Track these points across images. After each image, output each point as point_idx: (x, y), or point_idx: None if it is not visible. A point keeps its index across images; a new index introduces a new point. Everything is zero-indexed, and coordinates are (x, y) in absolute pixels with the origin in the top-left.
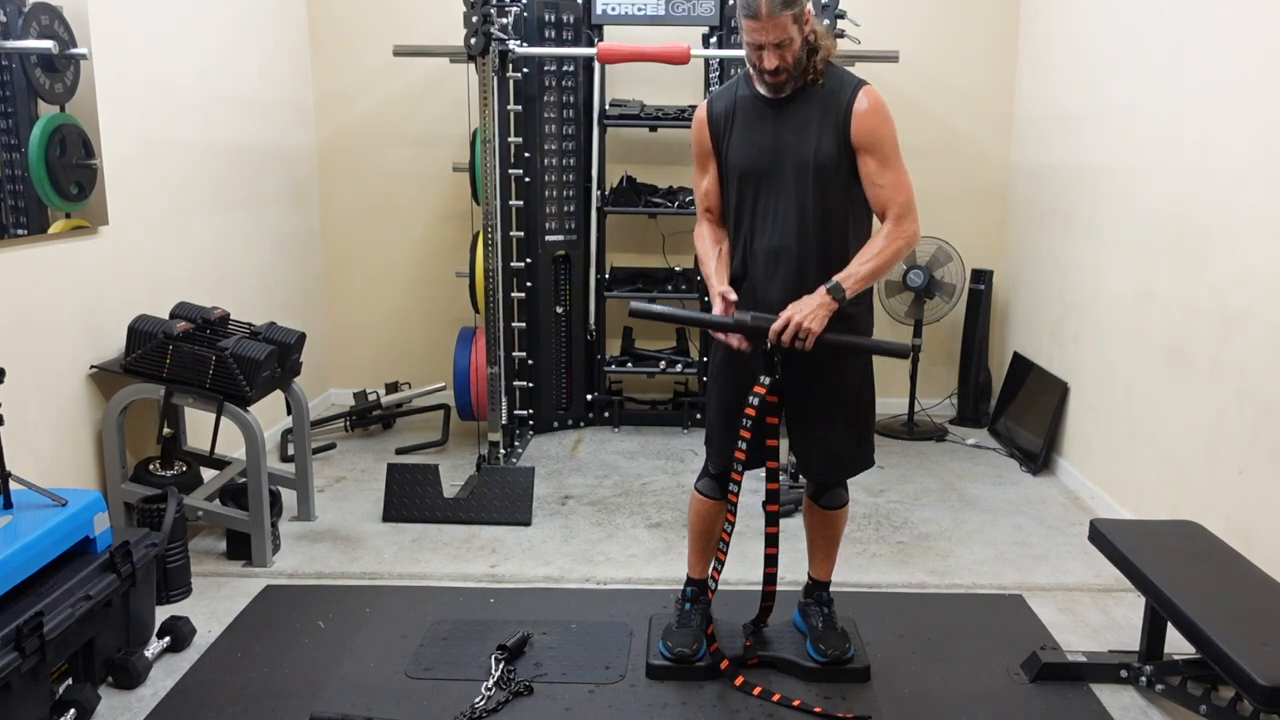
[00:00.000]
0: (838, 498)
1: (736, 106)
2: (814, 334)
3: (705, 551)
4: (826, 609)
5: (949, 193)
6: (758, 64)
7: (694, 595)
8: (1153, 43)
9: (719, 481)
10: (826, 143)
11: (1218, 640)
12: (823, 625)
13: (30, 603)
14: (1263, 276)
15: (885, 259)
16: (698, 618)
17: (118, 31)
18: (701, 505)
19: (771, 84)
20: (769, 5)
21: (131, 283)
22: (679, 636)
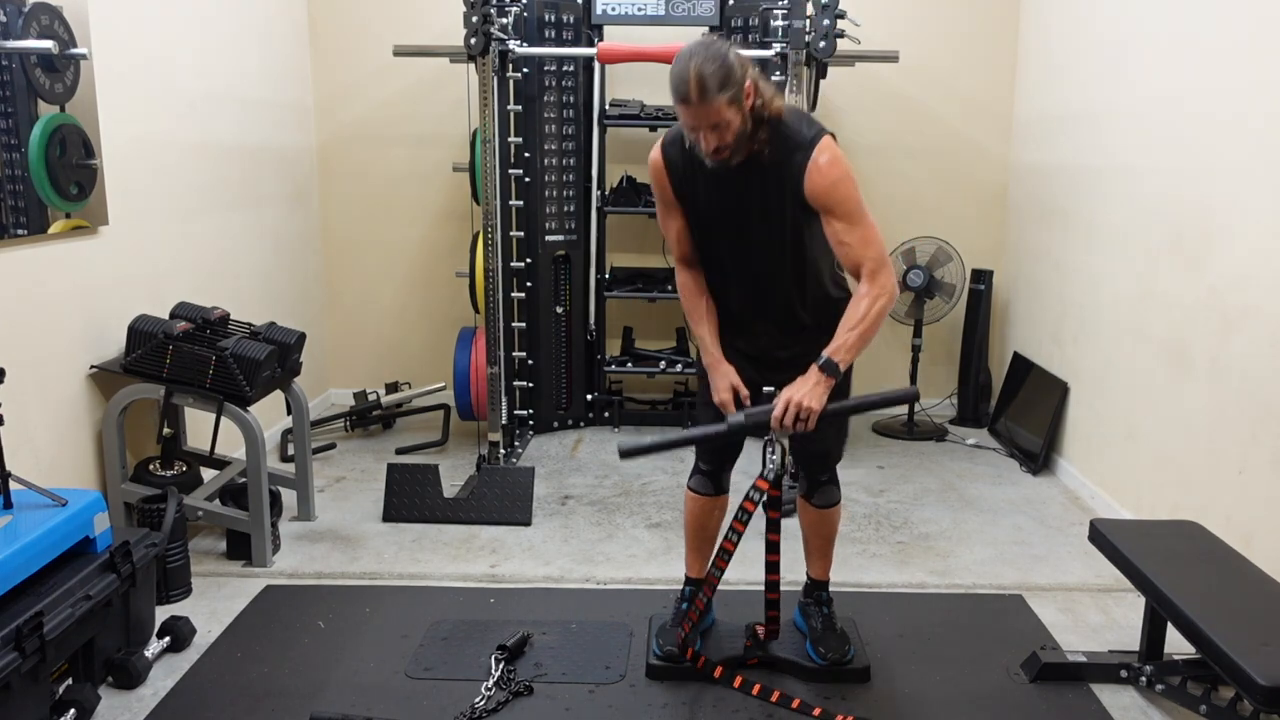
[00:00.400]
0: (830, 495)
1: (688, 158)
2: (815, 412)
3: (702, 550)
4: (826, 609)
5: (949, 193)
6: (697, 143)
7: (691, 595)
8: (1153, 42)
9: (711, 478)
10: (788, 207)
11: (1218, 640)
12: (822, 626)
13: (30, 603)
14: (1263, 277)
15: (871, 322)
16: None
17: (118, 31)
18: (695, 503)
19: (714, 161)
20: (699, 91)
21: (131, 283)
22: (671, 635)
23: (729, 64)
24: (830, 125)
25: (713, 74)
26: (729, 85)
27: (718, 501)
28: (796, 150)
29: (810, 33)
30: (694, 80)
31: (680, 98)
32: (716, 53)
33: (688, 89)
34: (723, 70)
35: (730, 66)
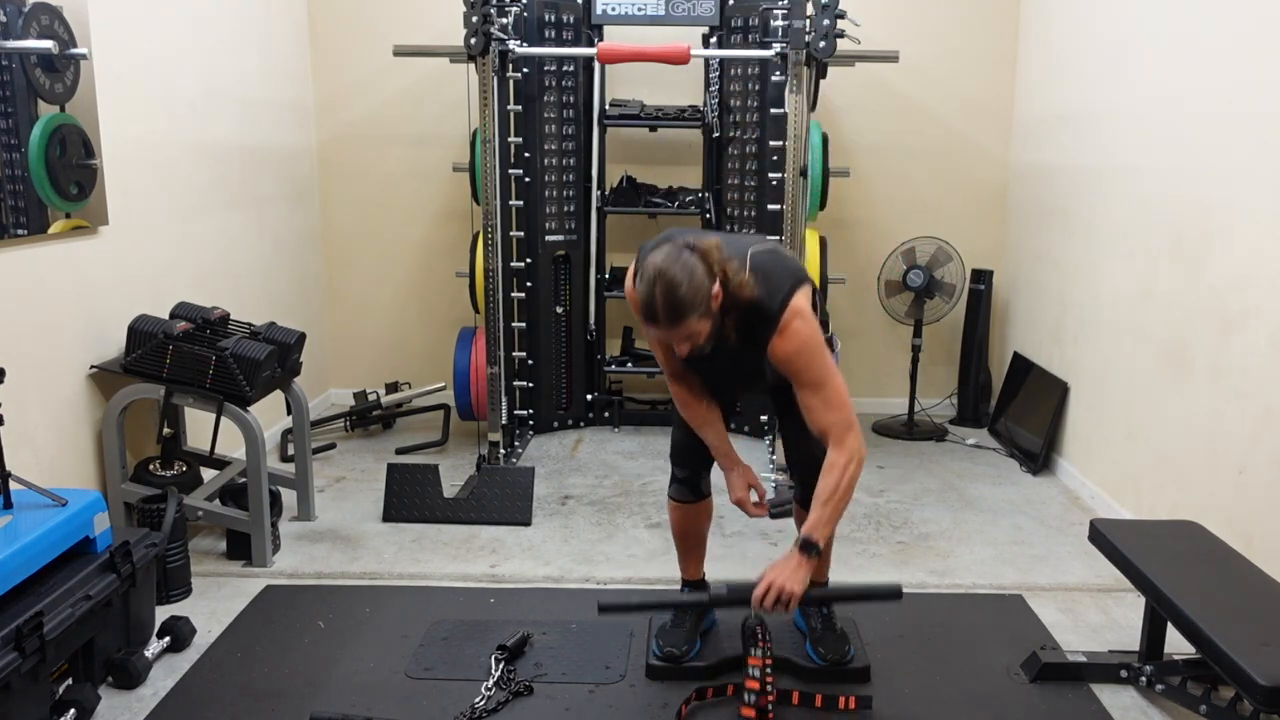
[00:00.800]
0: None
1: None
2: (797, 596)
3: (693, 552)
4: (826, 609)
5: (949, 193)
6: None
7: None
8: (1153, 42)
9: (689, 484)
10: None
11: (1218, 640)
12: (822, 627)
13: (30, 603)
14: (1263, 277)
15: (844, 492)
16: (692, 619)
17: (118, 31)
18: (679, 510)
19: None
20: (667, 316)
21: (131, 283)
22: (671, 637)
23: (696, 281)
24: (830, 125)
25: (681, 298)
26: (696, 305)
27: (701, 506)
28: (764, 326)
29: (810, 33)
30: (662, 307)
31: (648, 320)
32: (681, 271)
33: (656, 313)
34: (690, 290)
35: (697, 284)
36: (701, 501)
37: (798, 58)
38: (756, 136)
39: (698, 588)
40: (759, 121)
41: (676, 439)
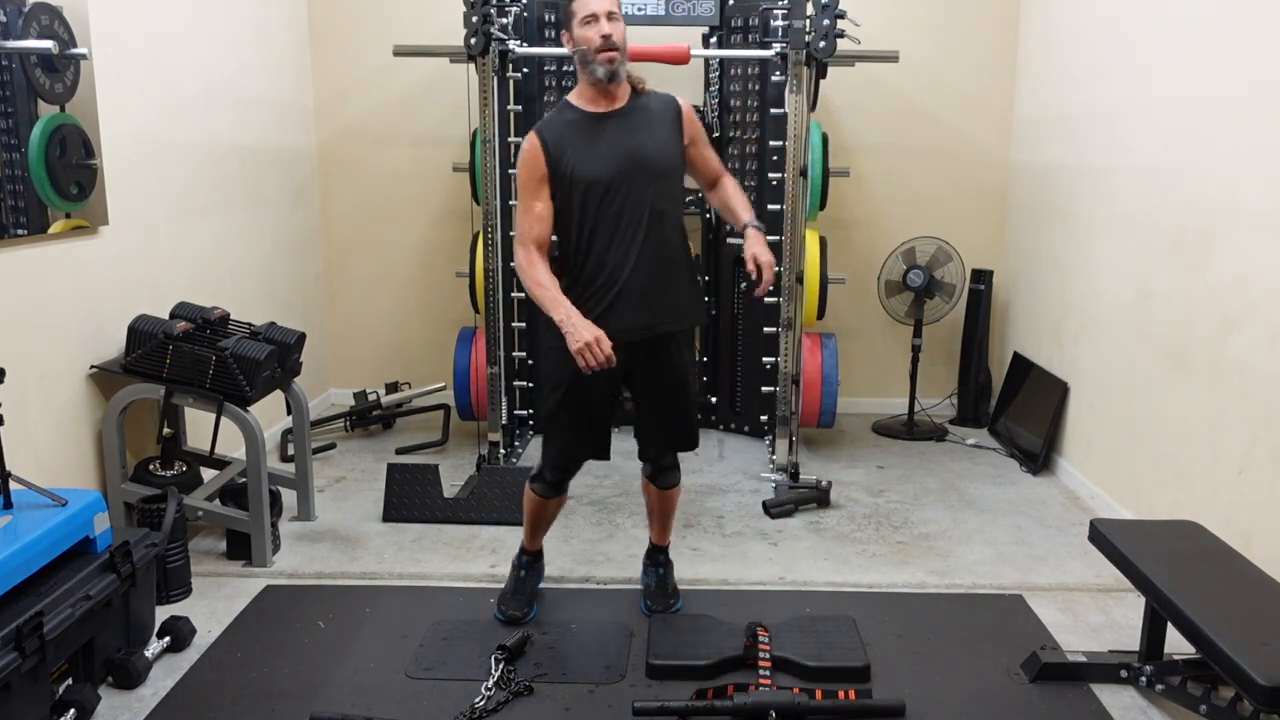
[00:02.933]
0: (672, 478)
1: (570, 128)
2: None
3: (542, 530)
4: (662, 570)
5: (949, 193)
6: (594, 40)
7: (529, 564)
8: (1153, 43)
9: (555, 486)
10: (666, 141)
11: (1218, 640)
12: (656, 585)
13: (30, 603)
14: (1263, 277)
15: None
16: (532, 584)
17: (118, 31)
18: (535, 502)
19: (607, 63)
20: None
21: (131, 283)
22: (513, 602)
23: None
24: (830, 125)
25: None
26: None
27: (559, 500)
28: (667, 98)
29: (810, 33)
30: None
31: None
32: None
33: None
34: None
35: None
36: (559, 497)
37: (798, 58)
38: (756, 136)
39: (535, 556)
40: (759, 121)
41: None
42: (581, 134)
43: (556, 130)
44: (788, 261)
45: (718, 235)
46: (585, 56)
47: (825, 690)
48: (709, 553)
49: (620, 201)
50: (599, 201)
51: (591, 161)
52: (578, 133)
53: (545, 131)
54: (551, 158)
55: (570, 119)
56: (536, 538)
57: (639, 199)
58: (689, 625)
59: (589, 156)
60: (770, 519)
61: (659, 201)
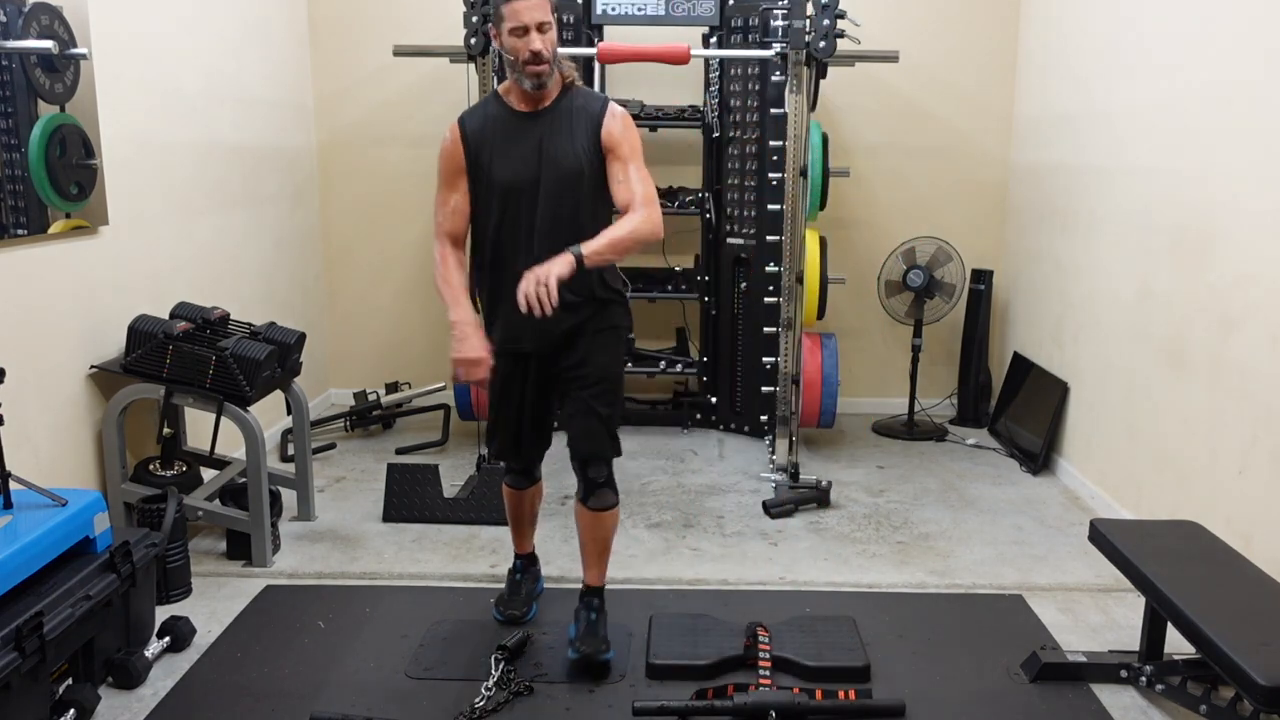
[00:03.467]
0: (607, 498)
1: (491, 123)
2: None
3: (525, 530)
4: (595, 615)
5: (949, 193)
6: (523, 52)
7: (523, 568)
8: (1153, 43)
9: (524, 474)
10: (583, 147)
11: (1218, 640)
12: (585, 629)
13: (30, 603)
14: (1263, 277)
15: (627, 236)
16: (528, 586)
17: (118, 31)
18: (514, 496)
19: (534, 76)
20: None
21: (131, 283)
22: (511, 602)
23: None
24: (830, 125)
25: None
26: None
27: (532, 490)
28: (595, 100)
29: (810, 33)
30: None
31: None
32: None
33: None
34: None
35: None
36: (533, 486)
37: (798, 58)
38: (756, 136)
39: (528, 559)
40: (759, 121)
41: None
42: (502, 131)
43: (479, 123)
44: (788, 261)
45: (718, 235)
46: (513, 64)
47: (825, 690)
48: (709, 553)
49: (530, 205)
50: (510, 203)
51: (507, 162)
52: (499, 129)
53: (467, 124)
54: (470, 151)
55: (494, 114)
56: (521, 537)
57: (550, 204)
58: (689, 625)
59: (506, 156)
60: (770, 519)
61: (571, 208)
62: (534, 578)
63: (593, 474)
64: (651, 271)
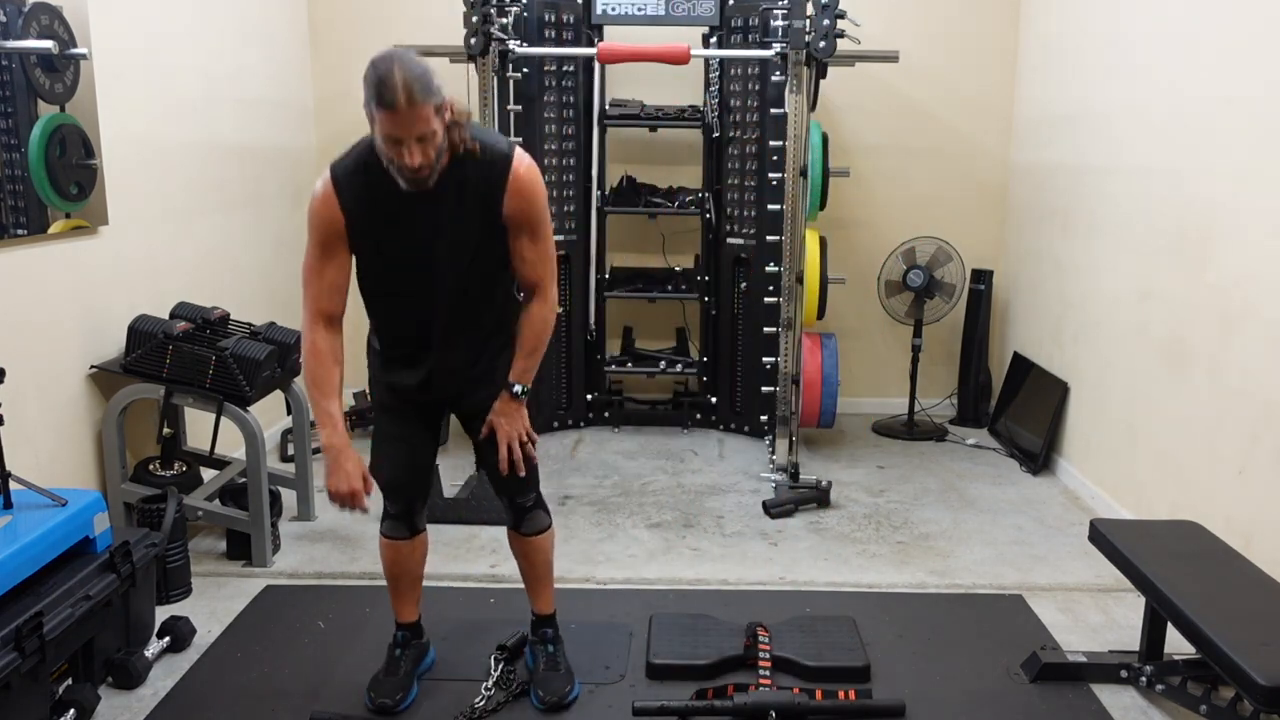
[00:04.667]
0: (539, 521)
1: (370, 193)
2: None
3: (410, 593)
4: (552, 647)
5: (949, 193)
6: (397, 160)
7: (404, 641)
8: (1153, 43)
9: (403, 519)
10: (483, 229)
11: (1218, 640)
12: (545, 667)
13: (30, 603)
14: (1263, 276)
15: (543, 342)
16: (408, 664)
17: (118, 31)
18: (391, 549)
19: (412, 180)
20: (408, 96)
21: (131, 283)
22: (385, 686)
23: (429, 71)
24: (830, 125)
25: (418, 79)
26: (433, 93)
27: (416, 542)
28: (494, 165)
29: (810, 33)
30: (402, 86)
31: (387, 105)
32: (416, 60)
33: (395, 95)
34: (427, 76)
35: (431, 75)
36: (416, 537)
37: (798, 58)
38: (756, 136)
39: (412, 632)
40: (759, 121)
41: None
42: (382, 204)
43: (355, 191)
44: (788, 261)
45: (718, 235)
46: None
47: (825, 690)
48: (709, 553)
49: (430, 290)
50: (406, 288)
51: (390, 240)
52: (379, 200)
53: (343, 188)
54: (349, 219)
55: (373, 180)
56: (404, 602)
57: (456, 291)
58: (689, 625)
59: (387, 233)
60: (770, 519)
61: (480, 288)
62: (417, 654)
63: (520, 500)
64: (651, 271)
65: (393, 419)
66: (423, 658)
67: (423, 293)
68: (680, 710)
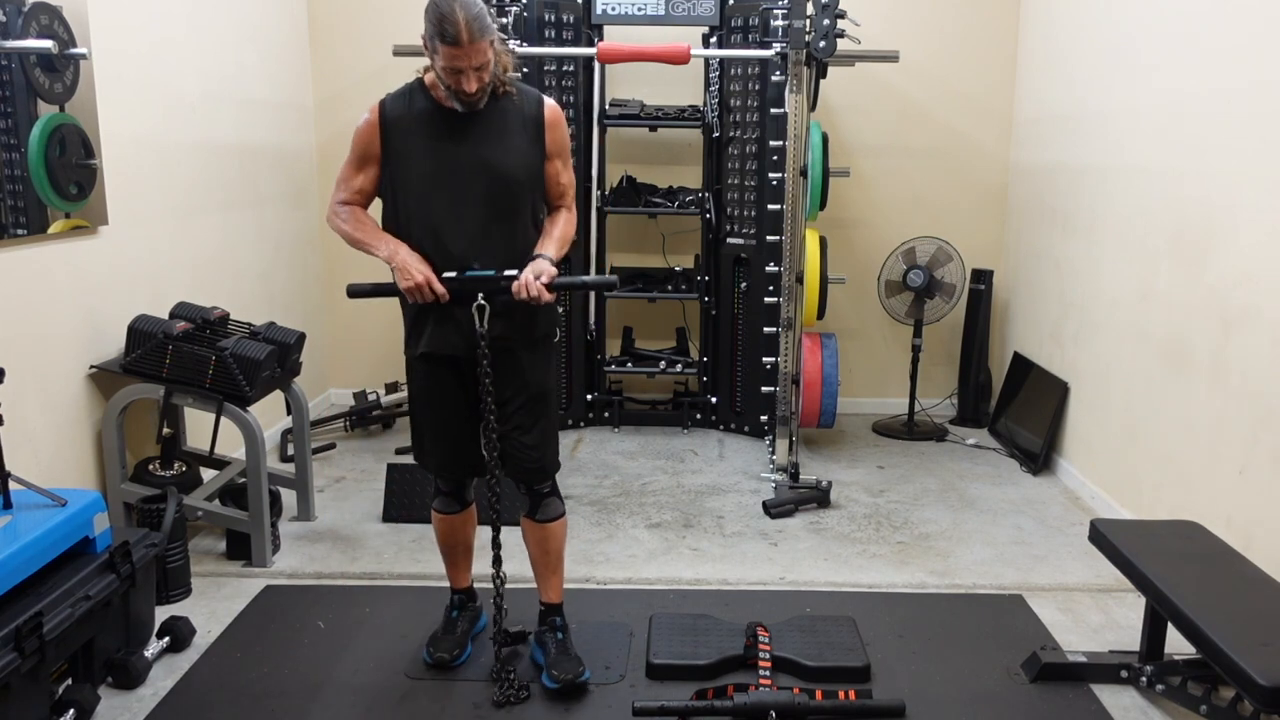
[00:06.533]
0: (554, 508)
1: (417, 117)
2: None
3: (462, 560)
4: (561, 634)
5: (949, 193)
6: (455, 87)
7: (460, 604)
8: (1152, 43)
9: (454, 496)
10: (524, 152)
11: (1218, 640)
12: (556, 651)
13: (30, 603)
14: (1263, 276)
15: (568, 237)
16: (464, 625)
17: (118, 31)
18: (443, 522)
19: (467, 103)
20: (469, 32)
21: (131, 283)
22: (444, 643)
23: (485, 10)
24: (830, 125)
25: (476, 17)
26: (488, 29)
27: (465, 516)
28: (529, 99)
29: (810, 33)
30: (464, 24)
31: (450, 40)
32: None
33: (458, 31)
34: (483, 15)
35: (486, 12)
36: (465, 511)
37: (798, 58)
38: (756, 136)
39: (467, 595)
40: (759, 121)
41: (433, 450)
42: (426, 128)
43: (401, 116)
44: (788, 261)
45: (717, 235)
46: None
47: (825, 690)
48: (709, 553)
49: (459, 211)
50: (435, 208)
51: (432, 164)
52: (423, 125)
53: (389, 114)
54: (387, 141)
55: (421, 109)
56: (458, 570)
57: (487, 208)
58: (689, 625)
59: (431, 158)
60: (770, 519)
61: (509, 211)
62: (472, 616)
63: (537, 486)
64: (651, 271)
65: (433, 408)
66: (477, 620)
67: (463, 217)
68: (680, 710)
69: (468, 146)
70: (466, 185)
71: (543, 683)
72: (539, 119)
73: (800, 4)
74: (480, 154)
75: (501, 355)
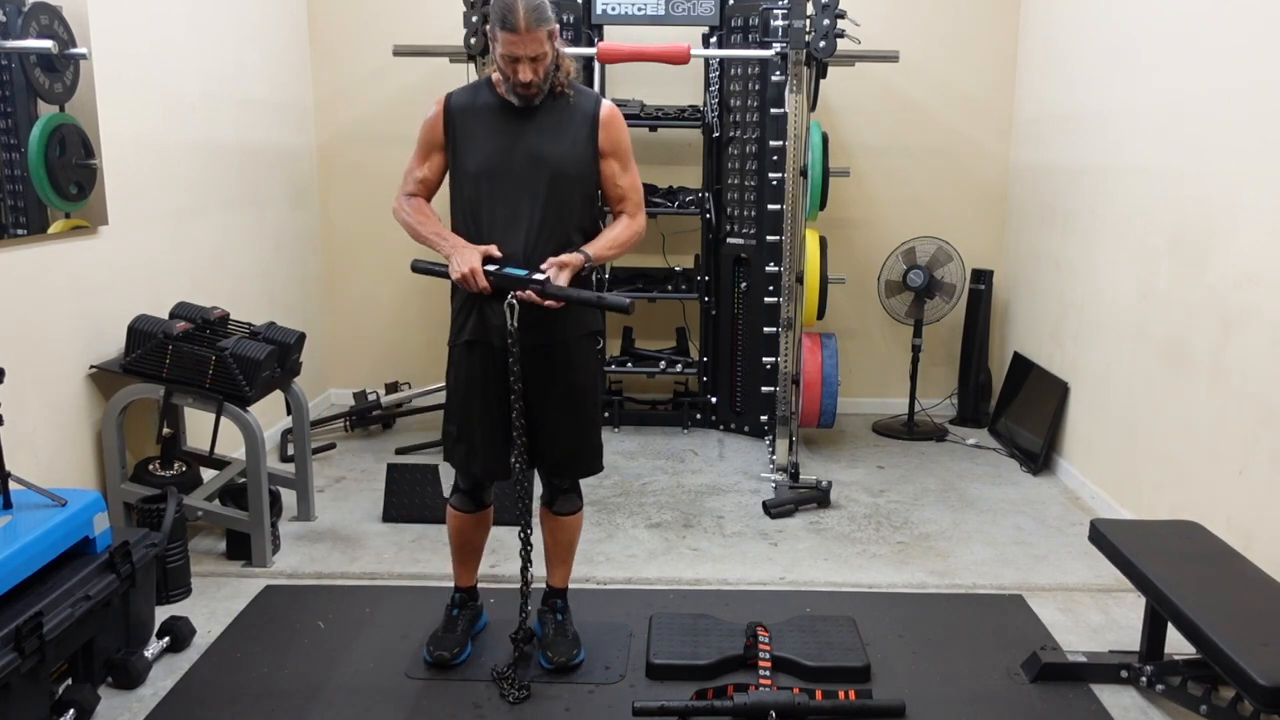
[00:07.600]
0: (572, 503)
1: (480, 110)
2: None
3: (470, 560)
4: (560, 615)
5: (949, 193)
6: (512, 76)
7: (461, 601)
8: (1152, 43)
9: (471, 496)
10: (577, 148)
11: (1218, 640)
12: (554, 632)
13: (30, 603)
14: (1263, 276)
15: (624, 244)
16: (465, 623)
17: (118, 31)
18: (458, 520)
19: (523, 95)
20: (528, 21)
21: (131, 283)
22: (444, 641)
23: (547, 3)
24: (830, 125)
25: (536, 8)
26: (547, 20)
27: (480, 517)
28: (588, 100)
29: (810, 33)
30: (524, 12)
31: (509, 27)
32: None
33: (517, 19)
34: (544, 6)
35: (548, 5)
36: (481, 512)
37: (798, 58)
38: (756, 136)
39: (469, 594)
40: (759, 121)
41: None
42: (489, 122)
43: (466, 107)
44: (788, 261)
45: (718, 235)
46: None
47: (825, 690)
48: (709, 553)
49: (513, 202)
50: (494, 197)
51: (491, 153)
52: (486, 119)
53: (454, 105)
54: (452, 134)
55: (485, 103)
56: (465, 568)
57: (538, 203)
58: (689, 625)
59: (489, 149)
60: (770, 519)
61: (559, 208)
62: (472, 615)
63: (558, 481)
64: (651, 271)
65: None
66: (477, 619)
67: (508, 213)
68: (680, 710)
69: (523, 139)
70: (518, 176)
71: (538, 661)
72: (594, 116)
73: (800, 4)
74: (533, 146)
75: (533, 352)
